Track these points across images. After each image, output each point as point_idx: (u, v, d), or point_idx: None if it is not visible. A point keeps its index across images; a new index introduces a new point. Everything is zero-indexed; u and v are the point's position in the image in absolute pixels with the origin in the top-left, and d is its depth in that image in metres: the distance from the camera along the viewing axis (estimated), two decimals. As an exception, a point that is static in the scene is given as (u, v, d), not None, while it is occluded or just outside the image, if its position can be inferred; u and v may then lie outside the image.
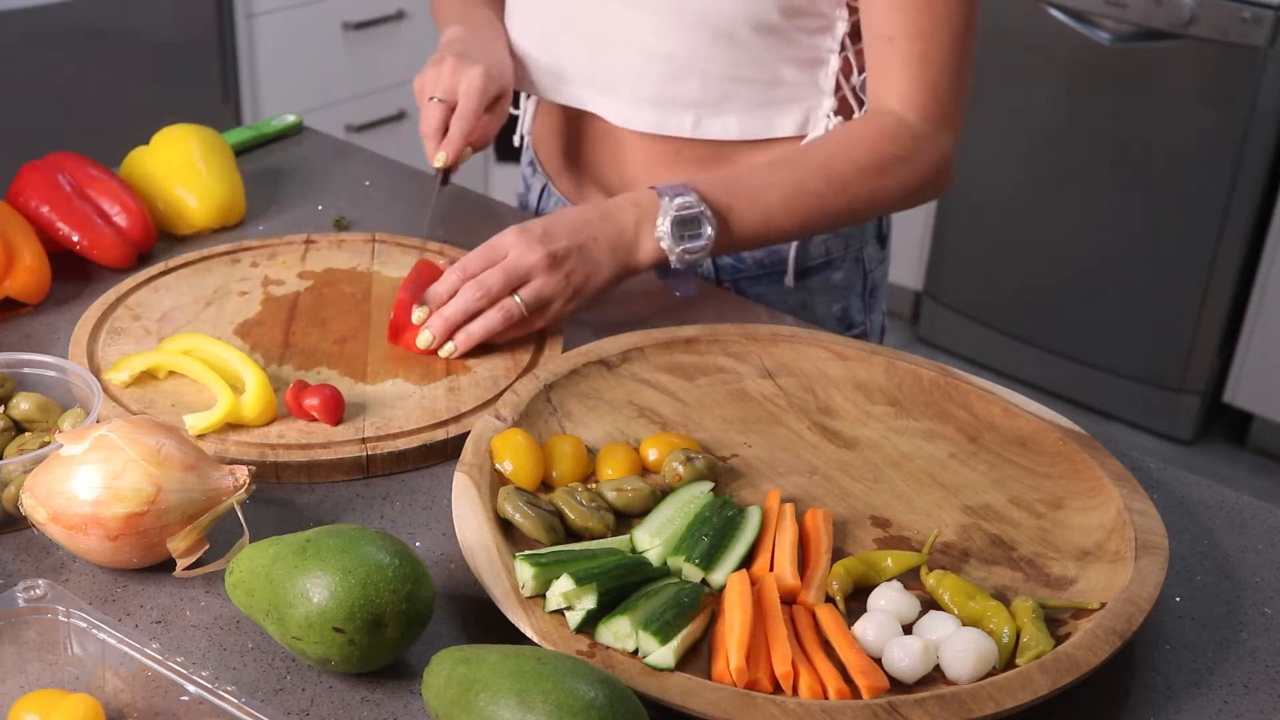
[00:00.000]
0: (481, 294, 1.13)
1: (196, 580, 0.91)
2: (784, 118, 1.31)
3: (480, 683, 0.75)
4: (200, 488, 0.90)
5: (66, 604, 0.80)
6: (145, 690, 0.78)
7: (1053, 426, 1.07)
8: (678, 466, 0.99)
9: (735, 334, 1.16)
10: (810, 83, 1.30)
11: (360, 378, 1.11)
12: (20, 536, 0.94)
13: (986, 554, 0.95)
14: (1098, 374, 3.17)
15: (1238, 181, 2.85)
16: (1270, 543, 1.02)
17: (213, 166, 1.35)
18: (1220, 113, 2.84)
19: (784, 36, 1.27)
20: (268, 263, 1.27)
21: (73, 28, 2.62)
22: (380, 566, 0.81)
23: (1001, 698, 0.81)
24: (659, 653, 0.82)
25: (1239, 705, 0.87)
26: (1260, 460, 3.10)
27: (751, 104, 1.30)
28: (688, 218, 1.16)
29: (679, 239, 1.16)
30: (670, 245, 1.16)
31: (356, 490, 1.01)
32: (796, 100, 1.30)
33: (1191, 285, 2.97)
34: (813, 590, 0.90)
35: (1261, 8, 2.74)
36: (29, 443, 0.97)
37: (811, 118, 1.31)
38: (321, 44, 3.09)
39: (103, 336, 1.14)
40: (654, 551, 0.91)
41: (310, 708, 0.82)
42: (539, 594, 0.86)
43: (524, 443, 0.99)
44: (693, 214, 1.17)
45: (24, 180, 1.27)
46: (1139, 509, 0.97)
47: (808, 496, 1.00)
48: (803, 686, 0.82)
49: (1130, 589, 0.89)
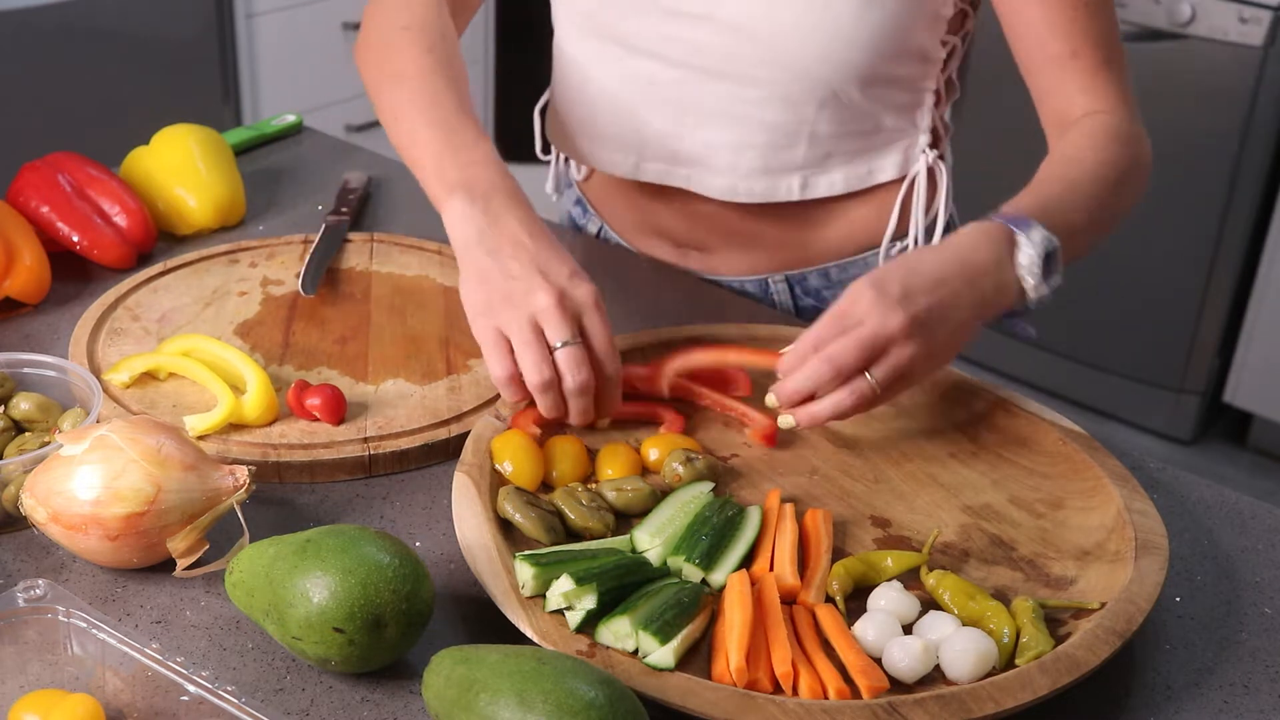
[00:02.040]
0: (833, 373, 0.96)
1: (196, 580, 0.91)
2: (885, 162, 1.27)
3: (480, 683, 0.75)
4: (200, 488, 0.90)
5: (66, 604, 0.80)
6: (145, 690, 0.78)
7: (1053, 426, 1.07)
8: (678, 467, 0.99)
9: (736, 334, 1.16)
10: (909, 124, 1.26)
11: (361, 378, 1.11)
12: (20, 536, 0.94)
13: (986, 554, 0.95)
14: (1098, 374, 3.16)
15: (1238, 181, 2.85)
16: (1270, 543, 1.02)
17: (213, 166, 1.35)
18: (1220, 113, 2.83)
19: (890, 84, 1.22)
20: (267, 263, 1.27)
21: (73, 28, 2.62)
22: (380, 566, 0.81)
23: (1001, 698, 0.81)
24: (659, 653, 0.82)
25: (1239, 705, 0.87)
26: (1260, 460, 3.10)
27: (854, 155, 1.26)
28: (1051, 253, 1.02)
29: (1045, 277, 1.02)
30: (1035, 284, 1.02)
31: (356, 490, 1.01)
32: (895, 143, 1.27)
33: (1191, 285, 2.97)
34: (813, 590, 0.90)
35: (1261, 8, 2.74)
36: (29, 443, 0.97)
37: (909, 156, 1.27)
38: (321, 44, 3.09)
39: (103, 337, 1.14)
40: (654, 551, 0.91)
41: (310, 708, 0.82)
42: (539, 594, 0.86)
43: (524, 443, 0.99)
44: (1054, 249, 1.02)
45: (24, 180, 1.27)
46: (1139, 509, 0.97)
47: (808, 496, 1.00)
48: (803, 686, 0.81)
49: (1130, 589, 0.89)
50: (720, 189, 1.27)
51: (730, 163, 1.26)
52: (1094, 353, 3.15)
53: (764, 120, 1.23)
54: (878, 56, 1.19)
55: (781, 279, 1.32)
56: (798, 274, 1.32)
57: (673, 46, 1.22)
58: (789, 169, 1.25)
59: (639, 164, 1.30)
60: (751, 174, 1.26)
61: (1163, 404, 3.11)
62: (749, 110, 1.23)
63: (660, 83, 1.25)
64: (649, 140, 1.28)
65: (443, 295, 1.24)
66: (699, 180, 1.28)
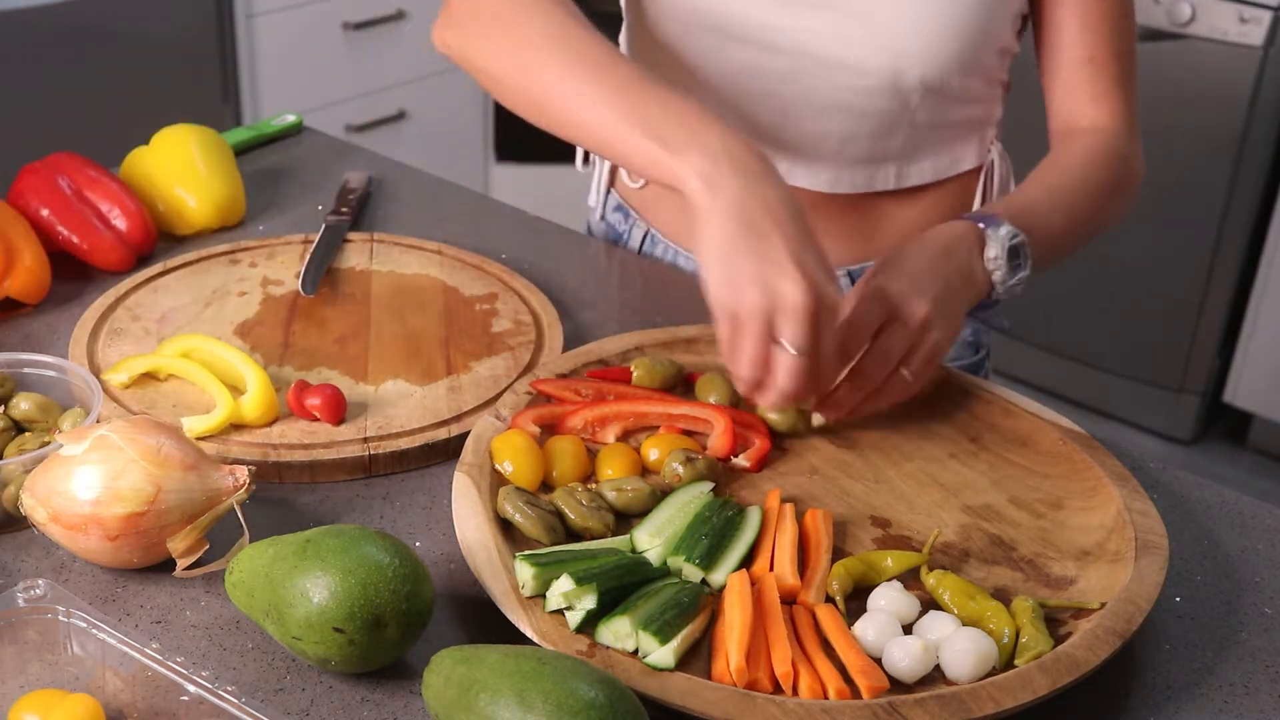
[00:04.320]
0: (885, 364, 1.00)
1: (196, 580, 0.91)
2: (966, 151, 1.30)
3: (480, 683, 0.75)
4: (200, 488, 0.90)
5: (66, 604, 0.80)
6: (145, 690, 0.78)
7: (1053, 426, 1.07)
8: (678, 467, 0.99)
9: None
10: (985, 113, 1.29)
11: (361, 378, 1.11)
12: (20, 536, 0.94)
13: (986, 554, 0.95)
14: (1098, 374, 3.16)
15: (1238, 181, 2.85)
16: (1270, 543, 1.02)
17: (213, 166, 1.35)
18: (1220, 113, 2.83)
19: (981, 75, 1.25)
20: (267, 263, 1.27)
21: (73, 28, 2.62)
22: (380, 566, 0.81)
23: (1001, 698, 0.81)
24: (659, 653, 0.82)
25: (1239, 705, 0.87)
26: (1260, 460, 3.10)
27: (941, 144, 1.28)
28: (1017, 246, 1.08)
29: (1012, 270, 1.08)
30: (1003, 276, 1.07)
31: (357, 490, 1.01)
32: (974, 133, 1.29)
33: (1191, 285, 2.97)
34: (813, 590, 0.90)
35: (1261, 8, 2.74)
36: (29, 443, 0.97)
37: (983, 146, 1.30)
38: (321, 44, 3.09)
39: (103, 337, 1.14)
40: (654, 551, 0.91)
41: (310, 708, 0.82)
42: (539, 594, 0.86)
43: (524, 443, 0.99)
44: (1020, 242, 1.08)
45: (23, 183, 1.27)
46: (1139, 509, 0.97)
47: (808, 496, 1.00)
48: (803, 686, 0.82)
49: (1130, 589, 0.89)
50: (825, 181, 1.27)
51: (836, 152, 1.26)
52: (1094, 353, 3.15)
53: (873, 109, 1.23)
54: (979, 48, 1.21)
55: (844, 273, 1.32)
56: (859, 268, 1.32)
57: (783, 35, 1.21)
58: (889, 159, 1.27)
59: None
60: (856, 164, 1.26)
61: (1163, 404, 3.11)
62: (856, 100, 1.22)
63: (767, 72, 1.22)
64: (750, 134, 1.20)
65: (443, 295, 1.24)
66: (800, 173, 1.26)
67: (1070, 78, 1.23)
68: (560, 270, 1.31)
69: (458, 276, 1.27)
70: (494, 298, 1.24)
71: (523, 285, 1.25)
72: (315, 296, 1.22)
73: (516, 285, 1.25)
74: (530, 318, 1.21)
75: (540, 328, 1.19)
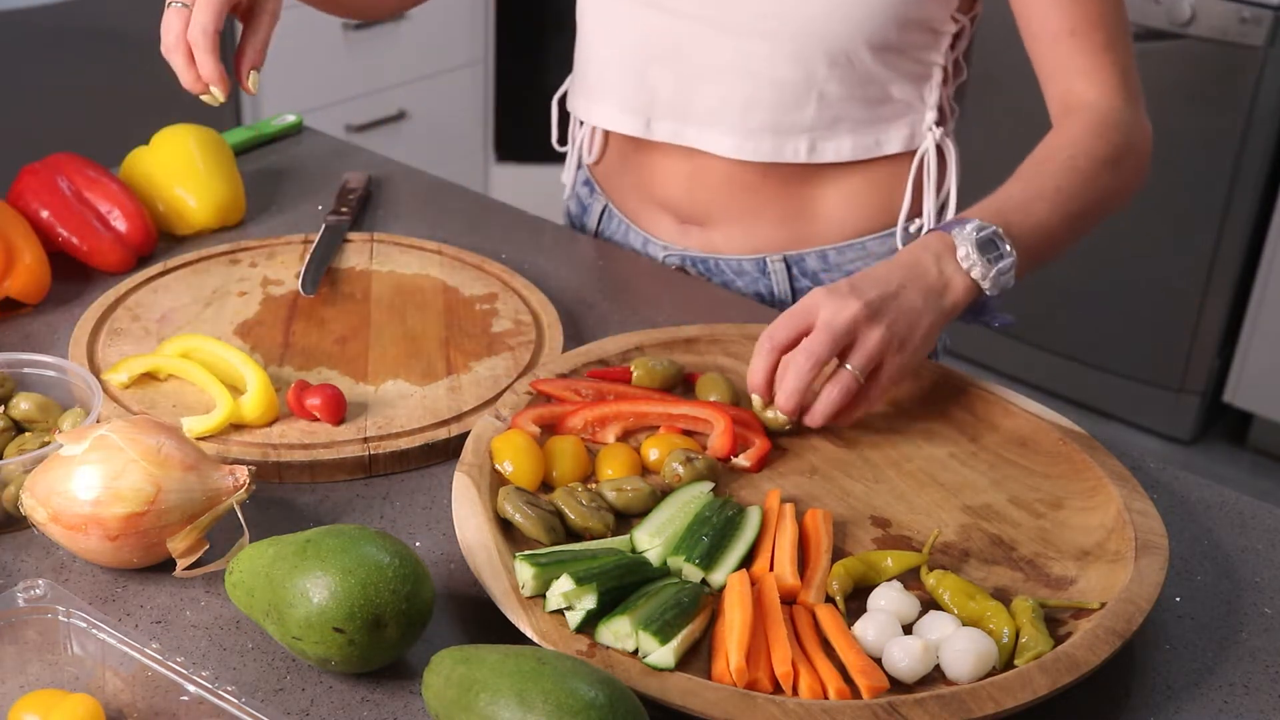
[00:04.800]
0: (811, 363, 1.01)
1: (196, 580, 0.91)
2: (893, 134, 1.29)
3: (480, 683, 0.75)
4: (200, 488, 0.90)
5: (66, 604, 0.80)
6: (145, 690, 0.78)
7: (1053, 426, 1.07)
8: (678, 467, 0.99)
9: (735, 334, 1.16)
10: (916, 97, 1.29)
11: (361, 378, 1.11)
12: (20, 536, 0.94)
13: (986, 554, 0.95)
14: (1098, 374, 3.16)
15: (1238, 181, 2.85)
16: (1270, 543, 1.02)
17: (213, 166, 1.35)
18: (1220, 113, 2.83)
19: (899, 53, 1.25)
20: (267, 263, 1.27)
21: (73, 28, 2.62)
22: (380, 566, 0.81)
23: (1001, 698, 0.81)
24: (659, 653, 0.82)
25: (1239, 705, 0.87)
26: (1260, 460, 3.10)
27: (862, 123, 1.28)
28: (985, 239, 1.07)
29: (989, 262, 1.07)
30: (982, 271, 1.07)
31: (357, 490, 1.01)
32: (902, 115, 1.29)
33: (1191, 285, 2.97)
34: (813, 590, 0.90)
35: (1261, 8, 2.74)
36: (29, 443, 0.97)
37: (916, 131, 1.30)
38: (321, 44, 3.09)
39: (103, 337, 1.14)
40: (654, 551, 0.91)
41: (310, 708, 0.82)
42: (539, 594, 0.86)
43: (524, 443, 0.99)
44: (988, 234, 1.08)
45: (23, 184, 1.27)
46: (1139, 509, 0.97)
47: (808, 496, 1.00)
48: (803, 686, 0.81)
49: (1130, 589, 0.89)
50: (729, 147, 1.29)
51: (739, 120, 1.28)
52: (1094, 353, 3.15)
53: (773, 77, 1.25)
54: (886, 19, 1.21)
55: (780, 259, 1.34)
56: (796, 255, 1.33)
57: (686, 1, 1.24)
58: (797, 130, 1.27)
59: (650, 123, 1.32)
60: (760, 132, 1.28)
61: (1163, 404, 3.11)
62: (759, 66, 1.25)
63: (672, 38, 1.27)
64: (660, 99, 1.30)
65: (443, 295, 1.24)
66: (708, 140, 1.30)
67: (1054, 54, 1.20)
68: (560, 270, 1.32)
69: (458, 276, 1.27)
70: (494, 298, 1.24)
71: (523, 285, 1.25)
72: (315, 296, 1.22)
73: (516, 285, 1.25)
74: (530, 318, 1.21)
75: (540, 328, 1.19)
